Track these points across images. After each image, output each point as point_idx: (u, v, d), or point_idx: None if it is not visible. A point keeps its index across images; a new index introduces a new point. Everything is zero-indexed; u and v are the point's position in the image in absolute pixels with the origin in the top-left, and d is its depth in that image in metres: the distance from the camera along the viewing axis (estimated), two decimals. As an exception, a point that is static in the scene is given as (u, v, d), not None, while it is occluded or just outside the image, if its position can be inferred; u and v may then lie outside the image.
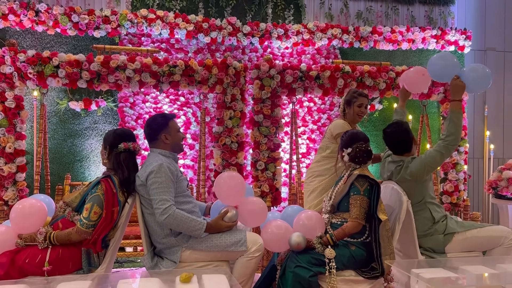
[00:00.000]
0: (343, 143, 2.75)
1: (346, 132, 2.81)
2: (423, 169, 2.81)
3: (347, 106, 3.46)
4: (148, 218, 2.61)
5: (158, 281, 2.02)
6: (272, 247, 2.71)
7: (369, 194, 2.57)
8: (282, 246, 2.64)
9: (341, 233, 2.54)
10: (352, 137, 2.72)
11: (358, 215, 2.53)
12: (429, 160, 2.81)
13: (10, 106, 3.86)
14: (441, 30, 5.64)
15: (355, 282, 2.51)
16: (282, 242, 2.61)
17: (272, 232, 2.66)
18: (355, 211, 2.54)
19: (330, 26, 5.37)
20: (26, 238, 2.43)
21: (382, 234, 2.54)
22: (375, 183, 2.58)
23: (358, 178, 2.59)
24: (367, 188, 2.57)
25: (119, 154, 2.62)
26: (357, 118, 3.46)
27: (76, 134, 4.96)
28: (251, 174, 4.45)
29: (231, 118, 4.26)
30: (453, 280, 2.20)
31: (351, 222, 2.53)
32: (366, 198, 2.55)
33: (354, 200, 2.56)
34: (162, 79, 4.10)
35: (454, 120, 2.82)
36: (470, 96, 5.01)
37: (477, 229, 2.89)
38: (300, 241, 2.51)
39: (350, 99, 3.44)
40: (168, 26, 4.94)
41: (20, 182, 3.89)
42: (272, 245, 2.68)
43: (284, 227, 2.68)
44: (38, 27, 4.67)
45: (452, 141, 2.80)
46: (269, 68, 4.29)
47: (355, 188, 2.57)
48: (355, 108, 3.42)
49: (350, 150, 2.67)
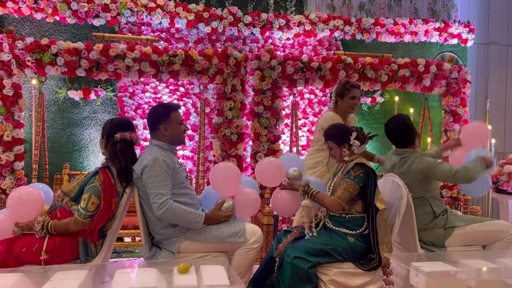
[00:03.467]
0: (339, 139, 2.68)
1: (330, 130, 2.75)
2: (427, 174, 2.81)
3: (339, 98, 3.33)
4: (146, 209, 2.59)
5: (155, 271, 2.01)
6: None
7: (363, 181, 2.55)
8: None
9: (320, 198, 2.59)
10: (343, 128, 2.73)
11: (339, 195, 2.53)
12: (436, 174, 2.80)
13: (8, 94, 3.82)
14: (444, 23, 5.59)
15: (354, 275, 2.50)
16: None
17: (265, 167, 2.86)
18: (338, 191, 2.55)
19: (332, 17, 5.32)
20: (23, 226, 2.41)
21: (380, 223, 2.53)
22: (372, 171, 2.57)
23: (354, 167, 2.58)
24: (360, 175, 2.55)
25: (115, 144, 2.59)
26: (349, 110, 3.35)
27: (75, 124, 4.93)
28: (250, 165, 4.43)
29: (231, 109, 4.23)
30: (453, 274, 2.19)
31: (332, 199, 2.55)
32: (354, 184, 2.54)
33: (342, 182, 2.57)
34: (161, 68, 4.06)
35: (471, 175, 2.78)
36: (472, 90, 4.96)
37: (477, 224, 2.88)
38: (296, 174, 2.78)
39: (343, 91, 3.32)
40: (168, 15, 4.88)
41: (18, 171, 3.87)
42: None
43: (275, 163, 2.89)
44: (37, 14, 4.62)
45: (460, 179, 2.81)
46: (270, 59, 4.25)
47: (348, 173, 2.58)
48: (348, 101, 3.31)
49: (355, 134, 2.65)
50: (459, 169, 2.77)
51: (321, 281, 2.48)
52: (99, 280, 2.05)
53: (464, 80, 4.70)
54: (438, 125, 5.62)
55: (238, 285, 1.93)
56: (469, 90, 4.75)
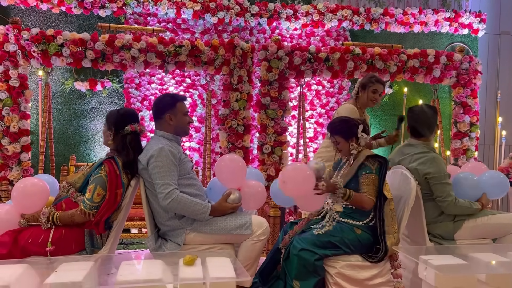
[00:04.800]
0: (347, 133, 2.61)
1: (336, 125, 2.65)
2: (429, 180, 2.76)
3: (361, 89, 3.40)
4: (152, 200, 2.57)
5: (161, 263, 1.99)
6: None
7: (379, 172, 2.52)
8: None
9: (358, 199, 2.47)
10: (349, 122, 2.64)
11: (372, 192, 2.48)
12: (437, 187, 2.75)
13: (14, 85, 3.82)
14: (455, 13, 5.48)
15: (362, 268, 2.47)
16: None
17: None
18: (368, 189, 2.48)
19: (340, 7, 5.23)
20: (29, 218, 2.41)
21: (387, 213, 2.50)
22: (384, 161, 2.53)
23: (368, 158, 2.53)
24: (378, 167, 2.52)
25: (125, 136, 2.57)
26: (369, 103, 3.39)
27: (81, 115, 4.92)
28: (257, 157, 4.40)
29: (237, 100, 4.19)
30: (463, 268, 2.15)
31: (367, 198, 2.47)
32: (377, 177, 2.51)
33: (367, 178, 2.50)
34: (167, 59, 4.03)
35: (465, 211, 2.79)
36: (482, 81, 4.87)
37: (487, 216, 2.84)
38: (318, 167, 2.49)
39: (366, 83, 3.37)
40: (174, 5, 4.84)
41: (25, 162, 3.87)
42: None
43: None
44: (43, 5, 4.59)
45: (454, 209, 2.77)
46: (277, 49, 4.20)
47: (367, 168, 2.51)
48: (369, 94, 3.36)
49: (362, 127, 2.60)
50: (462, 202, 2.76)
51: (328, 274, 2.45)
52: (104, 272, 2.05)
53: (475, 71, 4.61)
54: (448, 117, 5.55)
55: (244, 278, 1.92)
56: (480, 81, 4.67)
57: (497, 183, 2.99)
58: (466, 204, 2.77)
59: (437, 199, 2.76)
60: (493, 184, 2.98)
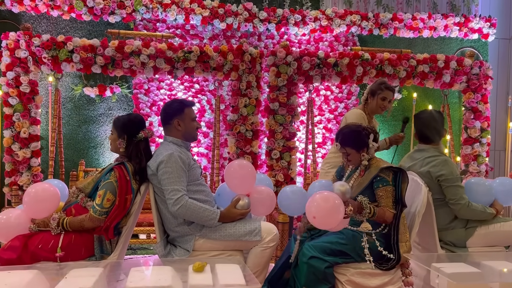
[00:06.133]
0: (359, 145, 2.57)
1: (347, 136, 2.60)
2: (441, 183, 2.74)
3: (370, 95, 3.37)
4: (161, 206, 2.57)
5: (170, 269, 1.99)
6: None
7: (394, 182, 2.50)
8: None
9: (381, 215, 2.43)
10: (360, 132, 2.58)
11: (391, 205, 2.46)
12: (450, 189, 2.72)
13: (25, 91, 3.85)
14: (465, 18, 5.45)
15: (372, 275, 2.44)
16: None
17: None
18: (387, 202, 2.46)
19: (349, 13, 5.22)
20: (39, 223, 2.42)
21: (400, 221, 2.47)
22: (399, 170, 2.51)
23: (382, 170, 2.50)
24: (393, 177, 2.50)
25: (138, 143, 2.58)
26: (378, 110, 3.37)
27: (90, 120, 4.95)
28: (265, 163, 4.39)
29: (246, 105, 4.19)
30: (476, 276, 2.11)
31: (390, 212, 2.45)
32: (393, 187, 2.49)
33: (385, 191, 2.47)
34: (176, 65, 4.04)
35: (479, 216, 2.76)
36: (493, 87, 4.82)
37: (500, 223, 2.79)
38: (344, 190, 2.37)
39: (376, 90, 3.35)
40: (183, 11, 4.86)
41: (35, 167, 3.90)
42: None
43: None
44: (54, 11, 4.64)
45: (467, 214, 2.73)
46: (286, 55, 4.20)
47: (383, 180, 2.48)
48: (378, 101, 3.33)
49: (372, 137, 2.58)
50: (475, 206, 2.72)
51: (338, 281, 2.43)
52: (114, 278, 2.04)
53: (486, 75, 4.57)
54: (458, 122, 5.50)
55: (254, 285, 1.90)
56: (491, 86, 4.63)
57: (508, 190, 2.94)
58: (480, 208, 2.73)
59: (449, 202, 2.72)
60: (504, 191, 2.93)
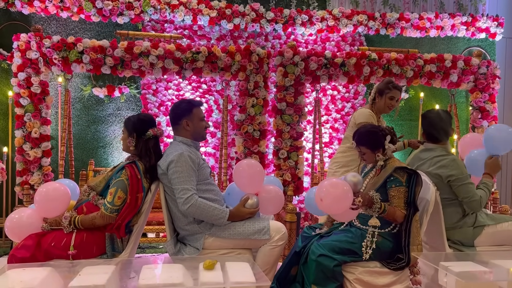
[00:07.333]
0: (374, 145, 2.58)
1: (363, 136, 2.61)
2: (452, 183, 2.75)
3: (378, 95, 3.39)
4: (171, 205, 2.60)
5: (181, 267, 2.02)
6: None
7: (408, 184, 2.50)
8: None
9: (391, 213, 2.44)
10: (376, 133, 2.59)
11: (403, 206, 2.47)
12: (461, 188, 2.73)
13: (36, 92, 3.90)
14: (472, 17, 5.43)
15: (380, 274, 2.45)
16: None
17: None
18: (399, 202, 2.47)
19: (355, 13, 5.23)
20: (52, 222, 2.45)
21: (413, 224, 2.47)
22: (414, 172, 2.51)
23: (396, 170, 2.51)
24: (407, 178, 2.50)
25: (147, 141, 2.61)
26: (386, 110, 3.39)
27: (99, 121, 5.00)
28: (273, 162, 4.42)
29: (253, 105, 4.22)
30: (484, 275, 2.13)
31: (401, 212, 2.46)
32: (407, 189, 2.50)
33: (397, 191, 2.48)
34: (185, 65, 4.07)
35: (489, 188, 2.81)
36: (501, 86, 4.81)
37: (508, 223, 2.80)
38: (356, 180, 2.38)
39: (383, 89, 3.36)
40: (191, 12, 4.89)
41: (46, 167, 3.95)
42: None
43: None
44: (63, 13, 4.69)
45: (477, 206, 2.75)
46: (293, 55, 4.22)
47: (396, 180, 2.49)
48: (386, 100, 3.35)
49: (389, 138, 2.58)
50: (483, 194, 2.75)
51: (347, 280, 2.45)
52: (126, 275, 2.08)
53: (493, 75, 4.56)
54: (465, 122, 5.49)
55: (264, 282, 1.92)
56: (499, 85, 4.62)
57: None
58: (486, 192, 2.77)
59: (464, 201, 2.73)
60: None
